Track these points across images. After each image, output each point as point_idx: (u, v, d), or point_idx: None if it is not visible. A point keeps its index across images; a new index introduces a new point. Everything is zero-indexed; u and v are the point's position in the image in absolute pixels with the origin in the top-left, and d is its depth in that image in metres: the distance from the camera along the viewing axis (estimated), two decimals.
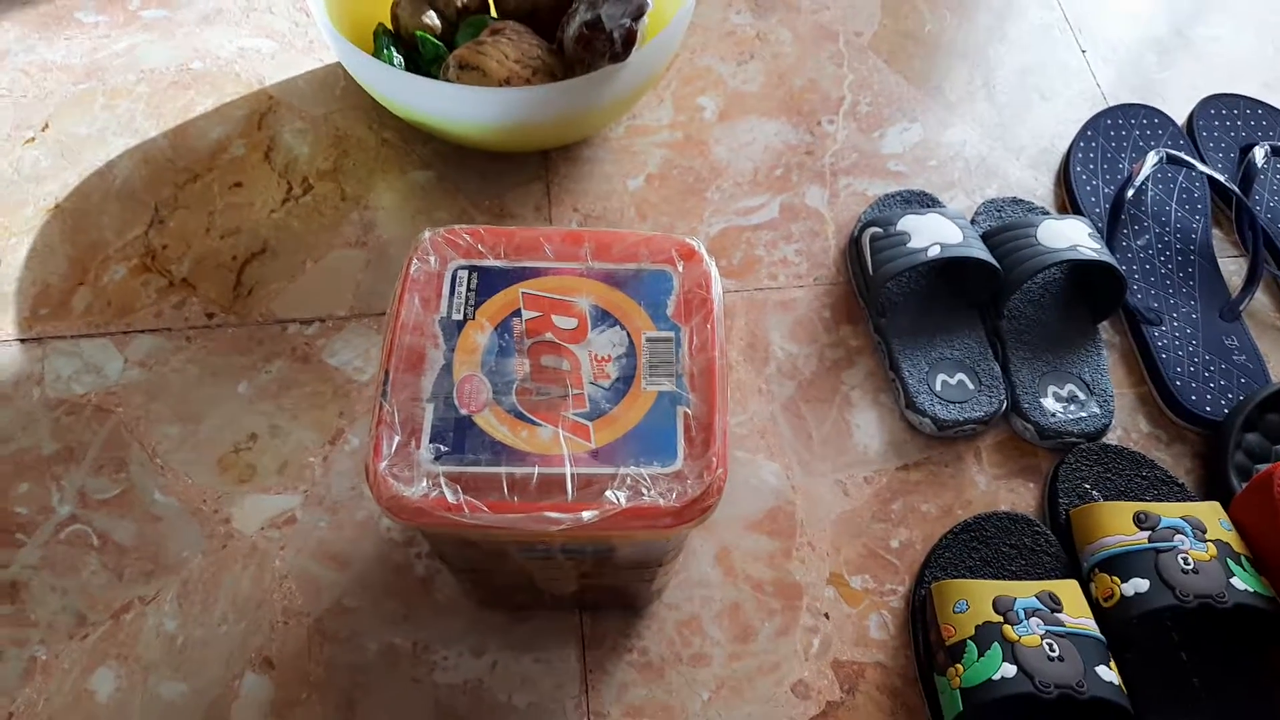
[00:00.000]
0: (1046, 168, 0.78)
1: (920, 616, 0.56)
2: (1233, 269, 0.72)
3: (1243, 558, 0.54)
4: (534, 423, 0.42)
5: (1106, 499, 0.60)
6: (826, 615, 0.58)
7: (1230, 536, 0.55)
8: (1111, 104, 0.81)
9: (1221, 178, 0.73)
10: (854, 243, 0.70)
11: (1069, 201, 0.75)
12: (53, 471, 0.60)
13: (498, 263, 0.46)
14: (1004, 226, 0.68)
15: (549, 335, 0.44)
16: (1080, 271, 0.69)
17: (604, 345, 0.44)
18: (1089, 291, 0.69)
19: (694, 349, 0.44)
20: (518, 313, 0.45)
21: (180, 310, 0.67)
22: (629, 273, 0.46)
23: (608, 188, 0.75)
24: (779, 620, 0.57)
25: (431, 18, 0.73)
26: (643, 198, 0.74)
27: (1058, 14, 0.88)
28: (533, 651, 0.56)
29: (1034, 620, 0.52)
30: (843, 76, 0.83)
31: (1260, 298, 0.72)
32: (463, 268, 0.46)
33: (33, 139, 0.75)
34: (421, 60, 0.73)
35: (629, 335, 0.44)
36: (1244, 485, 0.58)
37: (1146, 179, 0.72)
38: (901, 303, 0.68)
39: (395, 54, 0.72)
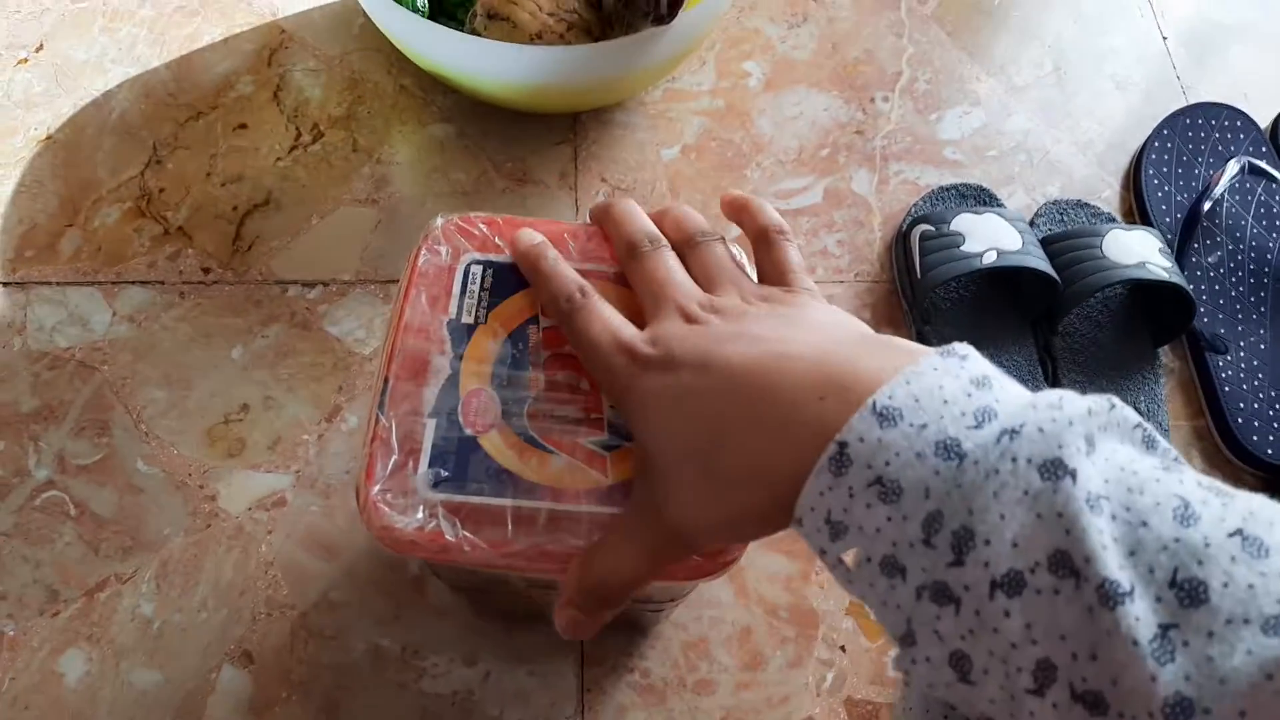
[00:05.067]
0: (1115, 167, 0.72)
1: None
2: None
3: None
4: (545, 449, 0.37)
5: None
6: (843, 648, 0.54)
7: None
8: (1191, 100, 0.75)
9: None
10: (902, 239, 0.65)
11: (1136, 207, 0.70)
12: (31, 430, 0.57)
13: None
14: (1067, 234, 0.63)
15: (568, 347, 0.39)
16: (1144, 289, 0.64)
17: None
18: (1152, 312, 0.63)
19: None
20: (535, 319, 0.40)
21: (174, 262, 0.62)
22: None
23: (640, 157, 0.69)
24: (792, 650, 0.54)
25: None
26: (676, 170, 0.69)
27: None
28: (528, 664, 0.53)
29: None
30: (902, 49, 0.76)
31: None
32: (477, 263, 0.41)
33: (26, 60, 0.69)
34: (447, 3, 0.67)
35: None
36: None
37: (1225, 190, 0.67)
38: (948, 309, 0.63)
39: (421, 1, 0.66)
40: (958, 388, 0.27)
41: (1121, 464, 0.24)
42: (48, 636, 0.51)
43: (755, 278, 0.38)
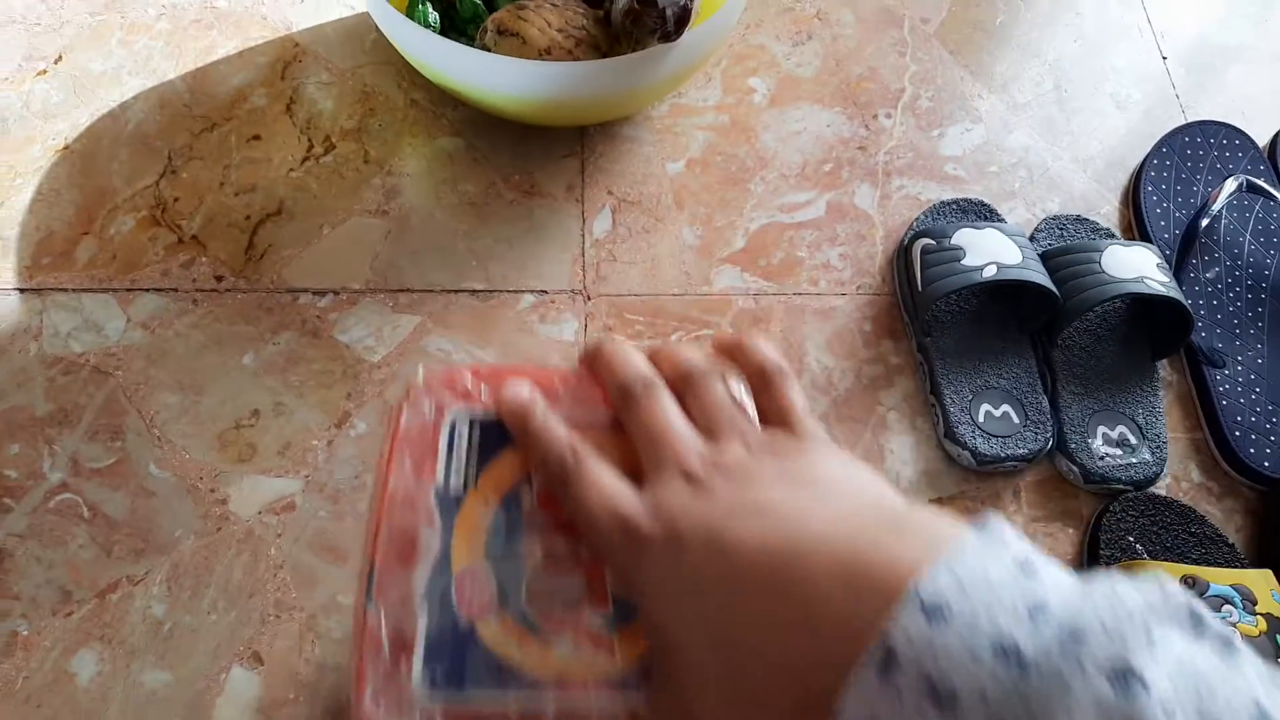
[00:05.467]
0: (1114, 183, 0.73)
1: None
2: None
3: None
4: (546, 635, 0.34)
5: (1150, 554, 0.57)
6: None
7: None
8: (1190, 119, 0.76)
9: None
10: (903, 253, 0.66)
11: (1135, 223, 0.71)
12: (45, 434, 0.58)
13: None
14: (1066, 249, 0.64)
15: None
16: (1143, 304, 0.65)
17: None
18: (1151, 326, 0.64)
19: None
20: (529, 479, 0.36)
21: (188, 270, 0.63)
22: None
23: (645, 170, 0.71)
24: None
25: None
26: (682, 184, 0.70)
27: (1140, 14, 0.83)
28: None
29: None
30: (905, 67, 0.77)
31: None
32: (463, 419, 0.37)
33: (45, 71, 0.71)
34: (458, 19, 0.68)
35: None
36: None
37: (1223, 207, 0.68)
38: (949, 322, 0.64)
39: (430, 10, 0.67)
40: (1004, 574, 0.25)
41: (1183, 658, 0.24)
42: (60, 636, 0.52)
43: (756, 417, 0.36)
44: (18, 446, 0.57)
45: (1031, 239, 0.68)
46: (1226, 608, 0.51)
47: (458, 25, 0.68)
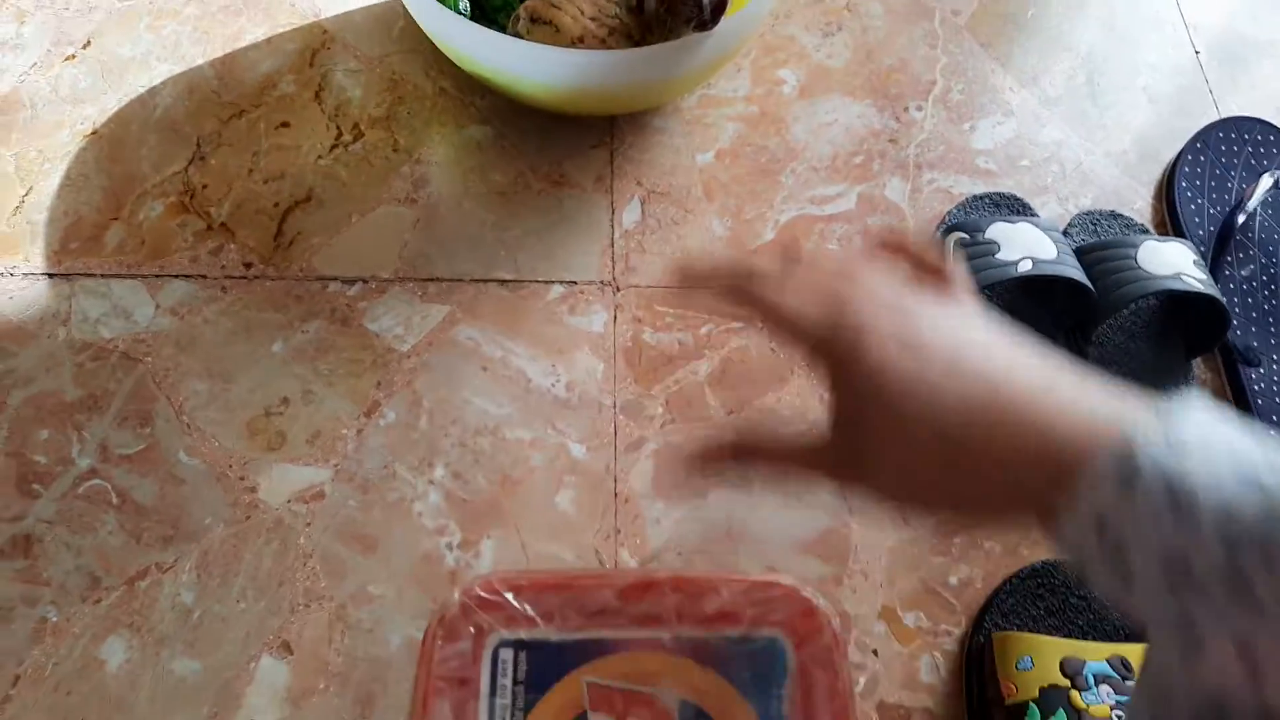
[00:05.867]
0: (1148, 179, 0.72)
1: (977, 665, 0.53)
2: None
3: None
4: None
5: None
6: (875, 652, 0.54)
7: None
8: (1223, 114, 0.75)
9: None
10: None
11: (1169, 219, 0.70)
12: (74, 420, 0.57)
13: (553, 633, 0.36)
14: (1101, 244, 0.63)
15: None
16: (1178, 301, 0.64)
17: None
18: (1186, 323, 0.64)
19: None
20: (583, 717, 0.34)
21: (217, 257, 0.63)
22: (727, 645, 0.36)
23: (675, 161, 0.70)
24: None
25: None
26: (711, 175, 0.70)
27: (1171, 7, 0.82)
28: None
29: (1104, 688, 0.48)
30: (936, 59, 0.77)
31: None
32: (507, 645, 0.35)
33: (73, 56, 0.71)
34: (488, 6, 0.67)
35: None
36: None
37: (1258, 204, 0.67)
38: None
39: (465, 3, 0.66)
40: (1233, 432, 0.27)
41: None
42: (89, 623, 0.52)
43: None
44: (47, 432, 0.57)
45: (1064, 234, 0.67)
46: None
47: (488, 13, 0.67)
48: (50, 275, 0.62)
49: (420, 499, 0.57)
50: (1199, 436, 0.26)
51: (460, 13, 0.65)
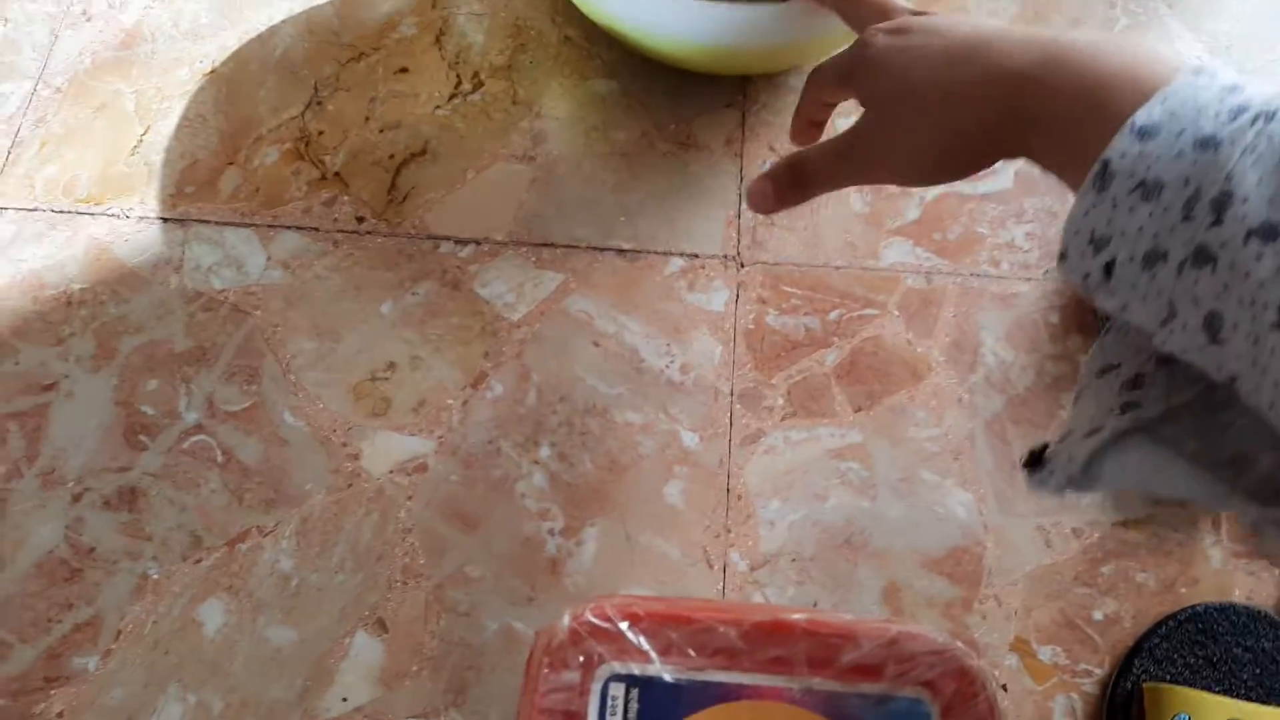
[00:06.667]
0: None
1: (1122, 715, 0.48)
2: None
3: None
4: None
5: None
6: (1005, 687, 0.50)
7: None
8: None
9: None
10: None
11: None
12: (183, 372, 0.56)
13: (669, 671, 0.33)
14: None
15: None
16: None
17: None
18: None
19: None
20: None
21: (330, 209, 0.61)
22: (865, 703, 0.32)
23: None
24: None
25: None
26: None
27: None
28: None
29: None
30: (1114, 19, 0.68)
31: None
32: (618, 678, 0.32)
33: None
34: None
35: None
36: None
37: None
38: None
39: None
40: (1210, 96, 0.27)
41: None
42: (189, 583, 0.51)
43: None
44: (156, 382, 0.56)
45: None
46: None
47: None
48: (165, 220, 0.61)
49: (524, 479, 0.54)
50: (1175, 110, 0.27)
51: None
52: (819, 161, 0.40)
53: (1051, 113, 0.31)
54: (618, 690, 0.32)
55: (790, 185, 0.41)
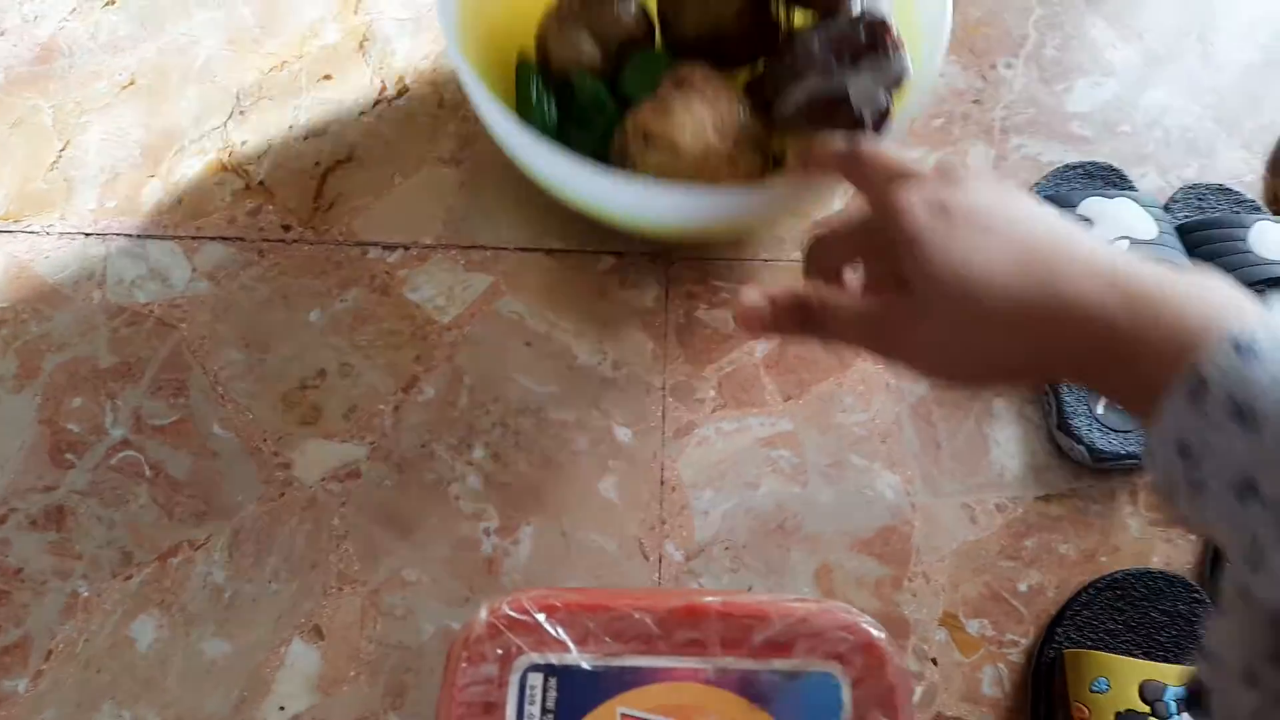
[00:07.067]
0: (1261, 149, 0.66)
1: (1045, 682, 0.49)
2: None
3: None
4: None
5: None
6: (934, 661, 0.51)
7: None
8: None
9: None
10: None
11: None
12: (109, 388, 0.56)
13: (586, 659, 0.33)
14: (1207, 223, 0.57)
15: None
16: None
17: None
18: None
19: None
20: None
21: (255, 218, 0.61)
22: (777, 679, 0.33)
23: None
24: None
25: (590, 48, 0.57)
26: None
27: None
28: None
29: (1186, 716, 0.44)
30: (1030, 10, 0.70)
31: None
32: (536, 669, 0.33)
33: (113, 1, 0.68)
34: (575, 104, 0.58)
35: None
36: None
37: None
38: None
39: (547, 101, 0.58)
40: None
41: None
42: (120, 600, 0.51)
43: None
44: (80, 400, 0.55)
45: (1166, 209, 0.61)
46: None
47: (574, 113, 0.58)
48: (86, 235, 0.60)
49: (458, 480, 0.54)
50: (1271, 339, 0.27)
51: (546, 121, 0.57)
52: (842, 326, 0.37)
53: (1135, 357, 0.30)
54: (536, 680, 0.33)
55: (797, 326, 0.38)
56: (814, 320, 0.38)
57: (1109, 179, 0.62)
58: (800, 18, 0.58)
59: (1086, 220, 0.56)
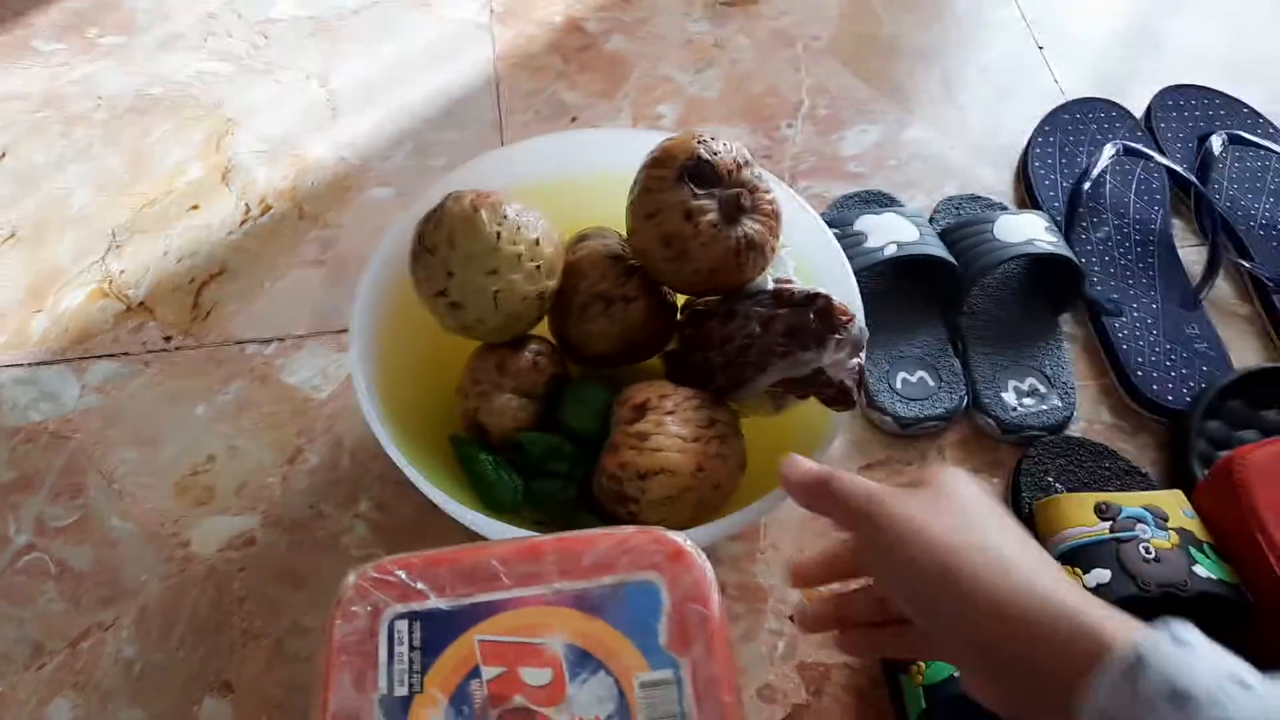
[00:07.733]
0: (1007, 165, 0.78)
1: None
2: (1193, 258, 0.72)
3: (1205, 545, 0.54)
4: None
5: (1070, 491, 0.60)
6: (791, 618, 0.57)
7: (1193, 524, 0.55)
8: (1070, 99, 0.81)
9: (1179, 168, 0.73)
10: None
11: (1029, 197, 0.75)
12: (10, 500, 0.60)
13: (443, 602, 0.38)
14: (961, 223, 0.68)
15: (519, 699, 0.36)
16: (1039, 265, 0.69)
17: (588, 703, 0.36)
18: (1048, 285, 0.69)
19: (700, 689, 0.36)
20: (476, 671, 0.36)
21: (138, 334, 0.67)
22: (606, 591, 0.38)
23: None
24: (744, 625, 0.57)
25: (522, 406, 0.55)
26: None
27: (1015, 12, 0.89)
28: None
29: None
30: (801, 81, 0.83)
31: (1221, 286, 0.71)
32: (401, 617, 0.37)
33: None
34: (531, 461, 0.55)
35: (617, 682, 0.36)
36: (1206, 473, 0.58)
37: (1104, 171, 0.73)
38: (863, 303, 0.68)
39: (507, 473, 0.54)
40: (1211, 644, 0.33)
41: None
42: (35, 689, 0.54)
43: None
44: None
45: (930, 220, 0.72)
46: (1140, 526, 0.54)
47: (536, 470, 0.55)
48: None
49: (347, 532, 0.59)
50: (1191, 639, 0.32)
51: (512, 489, 0.54)
52: (890, 642, 0.47)
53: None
54: (402, 625, 0.37)
55: (851, 648, 0.49)
56: (873, 645, 0.48)
57: (880, 201, 0.73)
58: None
59: (861, 233, 0.67)
